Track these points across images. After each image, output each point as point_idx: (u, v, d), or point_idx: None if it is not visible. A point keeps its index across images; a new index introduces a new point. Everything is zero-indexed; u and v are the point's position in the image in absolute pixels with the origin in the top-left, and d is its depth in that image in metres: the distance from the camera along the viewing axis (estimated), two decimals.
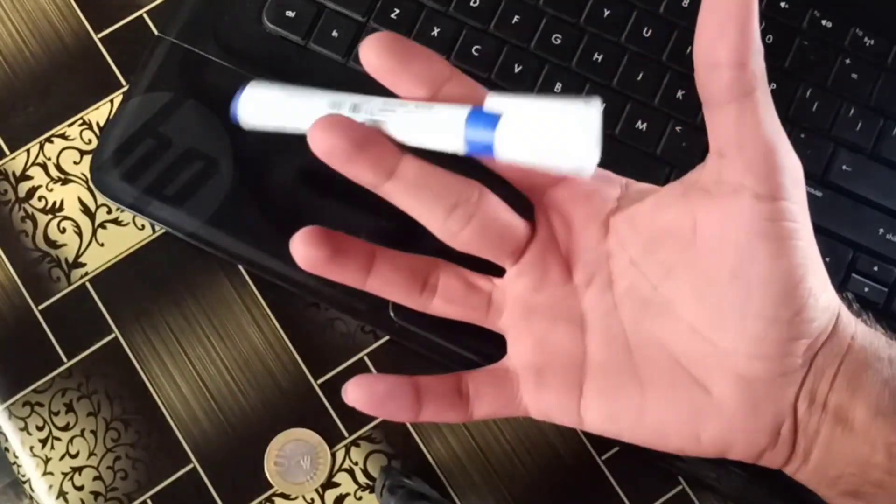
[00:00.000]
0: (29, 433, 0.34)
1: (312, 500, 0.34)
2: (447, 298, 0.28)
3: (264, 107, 0.27)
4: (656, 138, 0.34)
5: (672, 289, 0.26)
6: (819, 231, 0.34)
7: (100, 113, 0.37)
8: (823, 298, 0.25)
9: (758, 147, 0.23)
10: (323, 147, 0.24)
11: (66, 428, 0.35)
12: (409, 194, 0.25)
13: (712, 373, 0.25)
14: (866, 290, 0.33)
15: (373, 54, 0.25)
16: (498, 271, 0.28)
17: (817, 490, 0.27)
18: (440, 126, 0.25)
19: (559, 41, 0.34)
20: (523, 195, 0.28)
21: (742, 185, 0.24)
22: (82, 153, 0.36)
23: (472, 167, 0.26)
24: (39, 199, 0.36)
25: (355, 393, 0.27)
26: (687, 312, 0.26)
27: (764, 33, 0.35)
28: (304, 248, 0.26)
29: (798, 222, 0.24)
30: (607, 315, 0.27)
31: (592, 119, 0.22)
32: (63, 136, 0.36)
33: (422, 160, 0.25)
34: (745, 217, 0.24)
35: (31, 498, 0.35)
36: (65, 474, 0.34)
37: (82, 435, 0.34)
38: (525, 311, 0.28)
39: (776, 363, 0.25)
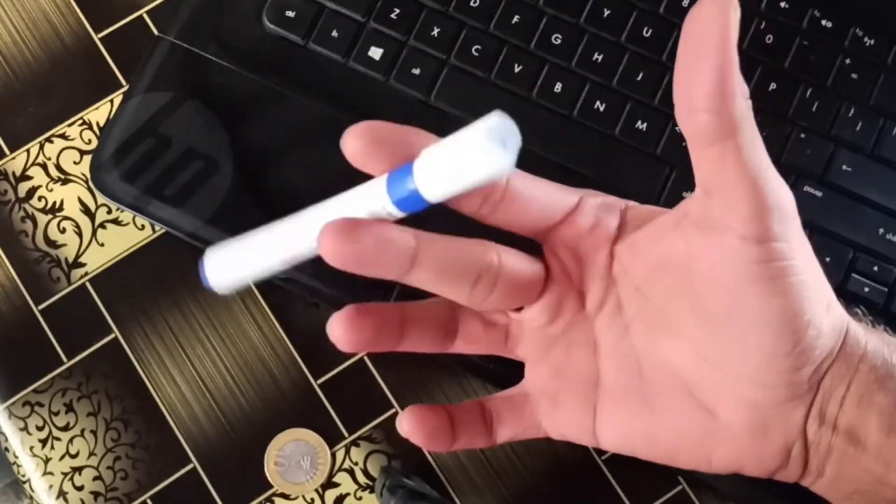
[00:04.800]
0: (29, 433, 0.34)
1: (312, 500, 0.34)
2: (469, 340, 0.28)
3: (232, 265, 0.26)
4: (656, 138, 0.34)
5: (676, 314, 0.26)
6: (819, 231, 0.34)
7: (100, 113, 0.37)
8: (827, 323, 0.24)
9: (742, 190, 0.22)
10: (337, 258, 0.22)
11: (66, 428, 0.35)
12: (433, 280, 0.24)
13: (719, 398, 0.25)
14: (866, 290, 0.33)
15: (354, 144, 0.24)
16: None
17: (834, 502, 0.27)
18: (369, 202, 0.24)
19: (559, 41, 0.34)
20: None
21: (728, 226, 0.23)
22: (82, 153, 0.36)
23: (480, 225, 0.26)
24: (39, 199, 0.36)
25: (411, 426, 0.27)
26: (692, 338, 0.25)
27: (764, 33, 0.35)
28: (346, 333, 0.25)
29: (790, 259, 0.23)
30: (619, 338, 0.27)
31: (493, 127, 0.21)
32: (63, 136, 0.36)
33: (436, 235, 0.24)
34: (733, 259, 0.23)
35: (31, 498, 0.35)
36: (65, 474, 0.34)
37: (82, 435, 0.34)
38: (542, 343, 0.28)
39: (781, 390, 0.24)
